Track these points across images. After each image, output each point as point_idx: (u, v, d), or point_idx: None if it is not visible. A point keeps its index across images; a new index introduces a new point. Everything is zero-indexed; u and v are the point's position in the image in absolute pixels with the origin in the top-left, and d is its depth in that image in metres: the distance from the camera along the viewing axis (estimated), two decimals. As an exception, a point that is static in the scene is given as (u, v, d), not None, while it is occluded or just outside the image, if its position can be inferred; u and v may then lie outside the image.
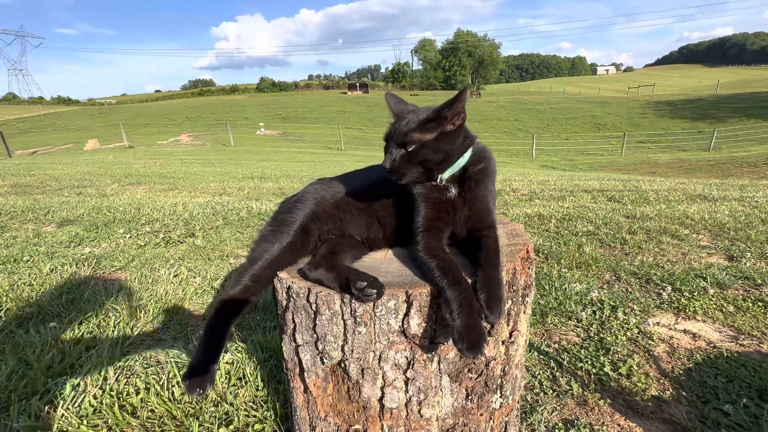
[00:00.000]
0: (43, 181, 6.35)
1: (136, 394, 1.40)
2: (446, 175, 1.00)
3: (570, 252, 2.76)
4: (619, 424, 1.39)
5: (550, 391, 1.54)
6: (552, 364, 1.69)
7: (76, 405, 1.34)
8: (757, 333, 1.84)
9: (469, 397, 0.94)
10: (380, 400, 0.92)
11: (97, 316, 1.95)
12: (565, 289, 2.25)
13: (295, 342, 0.96)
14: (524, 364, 1.15)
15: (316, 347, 0.93)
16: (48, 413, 1.32)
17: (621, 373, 1.61)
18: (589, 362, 1.68)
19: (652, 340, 1.82)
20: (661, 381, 1.58)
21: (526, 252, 1.01)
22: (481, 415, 0.97)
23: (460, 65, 70.57)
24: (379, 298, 0.85)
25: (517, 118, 31.32)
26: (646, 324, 1.94)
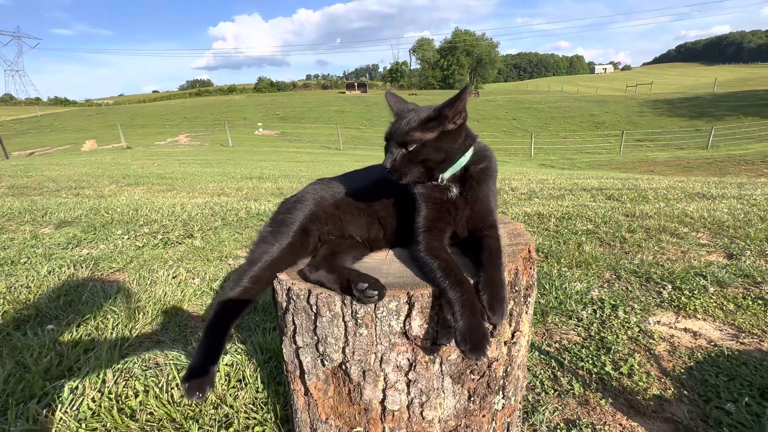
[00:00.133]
0: (41, 183, 6.32)
1: (135, 397, 1.39)
2: (447, 175, 0.99)
3: (570, 251, 2.76)
4: (621, 424, 1.39)
5: (552, 391, 1.53)
6: (553, 363, 1.69)
7: (74, 408, 1.33)
8: (757, 331, 1.84)
9: (472, 399, 0.93)
10: (382, 403, 0.92)
11: (95, 318, 1.93)
12: (566, 288, 2.25)
13: (296, 344, 0.95)
14: (526, 364, 1.14)
15: (317, 349, 0.92)
16: (46, 417, 1.31)
17: (622, 373, 1.61)
18: (590, 361, 1.68)
19: (653, 339, 1.82)
20: (663, 380, 1.58)
21: (528, 252, 1.00)
22: (484, 416, 0.96)
23: (458, 64, 70.56)
24: (381, 300, 0.84)
25: (516, 117, 31.32)
26: (647, 323, 1.94)
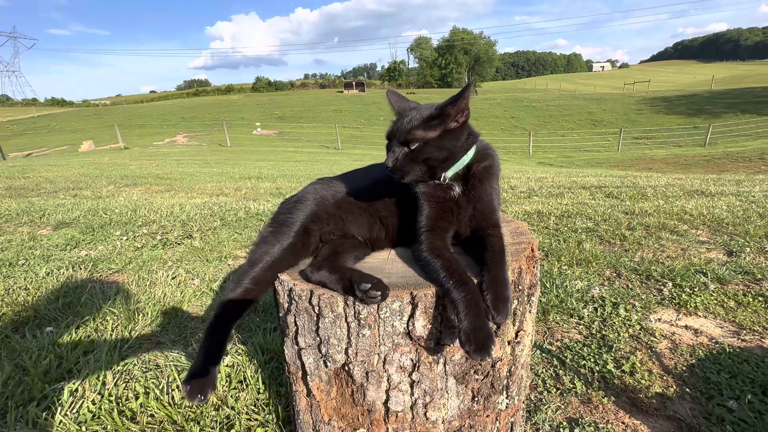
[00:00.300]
0: (38, 184, 6.30)
1: (136, 399, 1.38)
2: (450, 174, 0.99)
3: (570, 249, 2.76)
4: (623, 422, 1.38)
5: (554, 390, 1.53)
6: (555, 362, 1.69)
7: (74, 411, 1.32)
8: (758, 328, 1.84)
9: (476, 399, 0.93)
10: (385, 404, 0.91)
11: (94, 320, 1.92)
12: (566, 287, 2.24)
13: (298, 345, 0.94)
14: (529, 363, 1.14)
15: (319, 350, 0.91)
16: (46, 420, 1.30)
17: (624, 371, 1.60)
18: (592, 360, 1.67)
19: (654, 337, 1.82)
20: (665, 378, 1.58)
21: (531, 250, 0.99)
22: (488, 416, 0.96)
23: (456, 63, 70.49)
24: (384, 300, 0.83)
25: (514, 115, 31.31)
26: (648, 320, 1.94)
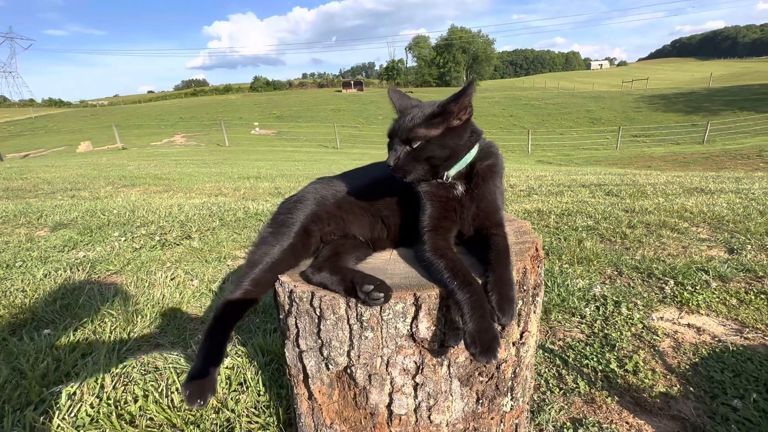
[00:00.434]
0: (36, 185, 6.26)
1: (135, 402, 1.36)
2: (453, 172, 0.97)
3: (571, 247, 2.74)
4: (627, 422, 1.37)
5: (557, 390, 1.52)
6: (557, 361, 1.67)
7: (72, 415, 1.31)
8: (761, 326, 1.83)
9: (480, 401, 0.91)
10: (388, 407, 0.89)
11: (92, 322, 1.91)
12: (568, 285, 2.23)
13: (299, 348, 0.92)
14: (534, 364, 1.12)
15: (321, 353, 0.89)
16: (43, 424, 1.28)
17: (627, 370, 1.59)
18: (595, 359, 1.66)
19: (657, 336, 1.81)
20: (668, 377, 1.57)
21: (536, 250, 0.98)
22: (492, 418, 0.94)
23: (454, 62, 70.49)
24: (387, 302, 0.82)
25: (512, 113, 31.29)
26: (650, 319, 1.93)
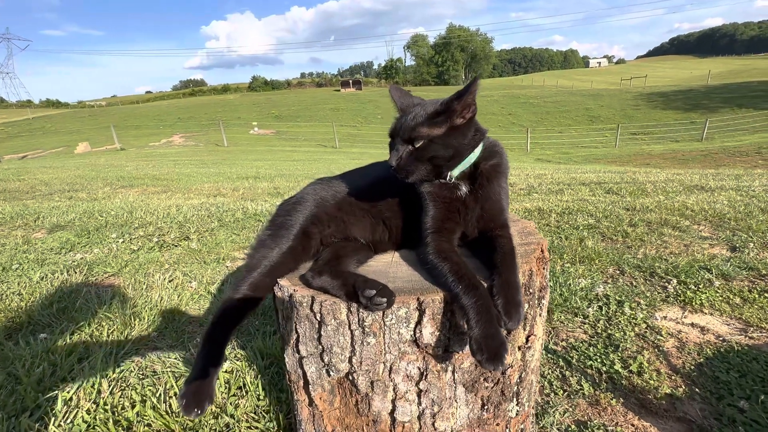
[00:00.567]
0: (33, 186, 6.23)
1: (132, 408, 1.34)
2: (456, 172, 0.95)
3: (572, 246, 2.72)
4: (633, 424, 1.35)
5: (561, 392, 1.50)
6: (561, 363, 1.65)
7: (68, 421, 1.28)
8: (765, 325, 1.81)
9: (485, 407, 0.89)
10: (391, 414, 0.87)
11: (89, 326, 1.88)
12: (570, 285, 2.21)
13: (299, 353, 0.90)
14: (539, 368, 1.10)
15: (322, 359, 0.87)
16: (39, 431, 1.26)
17: (632, 371, 1.57)
18: (599, 360, 1.64)
19: (661, 335, 1.79)
20: (673, 377, 1.55)
21: (541, 251, 0.95)
22: (498, 424, 0.92)
23: (452, 60, 70.48)
24: (390, 307, 0.80)
25: (511, 112, 31.25)
26: (654, 318, 1.91)
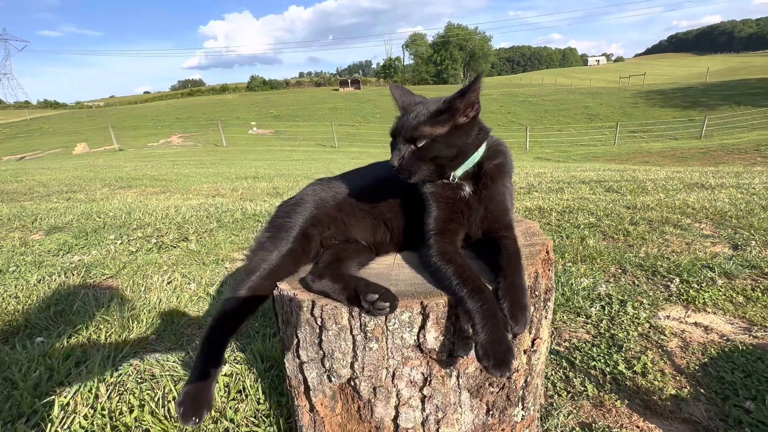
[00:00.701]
0: (31, 187, 6.19)
1: (130, 413, 1.32)
2: (459, 172, 0.93)
3: (573, 245, 2.71)
4: (638, 426, 1.34)
5: (565, 393, 1.48)
6: (564, 363, 1.64)
7: (65, 427, 1.26)
8: (770, 324, 1.79)
9: (491, 413, 0.87)
10: (394, 420, 0.85)
11: (87, 329, 1.86)
12: (572, 284, 2.20)
13: (299, 358, 0.88)
14: (544, 371, 1.08)
15: (323, 365, 0.85)
16: (35, 437, 1.23)
17: (636, 372, 1.56)
18: (602, 361, 1.63)
19: (664, 335, 1.77)
20: (678, 378, 1.53)
21: (546, 252, 0.93)
22: (503, 430, 0.90)
23: (451, 59, 70.46)
24: (393, 312, 0.78)
25: (510, 110, 31.23)
26: (657, 318, 1.89)
